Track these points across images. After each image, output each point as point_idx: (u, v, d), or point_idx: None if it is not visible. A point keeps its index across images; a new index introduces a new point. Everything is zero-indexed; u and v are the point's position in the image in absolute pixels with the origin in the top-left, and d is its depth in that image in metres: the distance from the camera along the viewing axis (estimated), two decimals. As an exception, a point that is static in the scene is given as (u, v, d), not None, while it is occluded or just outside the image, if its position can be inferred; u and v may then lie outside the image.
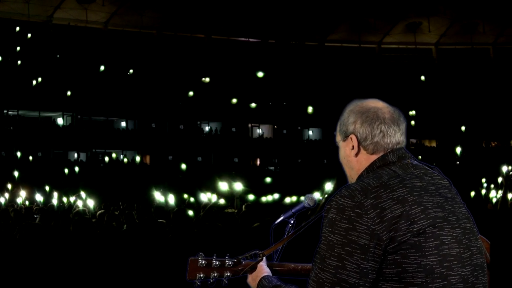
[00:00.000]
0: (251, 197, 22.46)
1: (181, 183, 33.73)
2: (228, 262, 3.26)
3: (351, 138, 2.95)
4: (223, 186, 20.62)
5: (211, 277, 3.23)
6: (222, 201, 21.32)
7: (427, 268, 2.61)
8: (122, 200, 23.37)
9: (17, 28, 43.95)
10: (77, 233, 8.06)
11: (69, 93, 40.78)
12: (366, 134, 2.90)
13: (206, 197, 22.19)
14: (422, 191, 2.72)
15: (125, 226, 10.07)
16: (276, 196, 23.53)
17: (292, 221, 3.44)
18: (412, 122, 45.82)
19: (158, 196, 22.18)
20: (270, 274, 3.23)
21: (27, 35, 43.94)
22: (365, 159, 2.91)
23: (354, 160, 2.95)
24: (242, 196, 22.31)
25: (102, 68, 41.44)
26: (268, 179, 31.51)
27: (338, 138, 3.06)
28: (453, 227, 2.72)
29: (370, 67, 53.28)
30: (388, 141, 2.89)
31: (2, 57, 40.80)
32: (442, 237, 2.67)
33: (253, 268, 3.26)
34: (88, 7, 48.25)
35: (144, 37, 50.16)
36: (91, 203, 18.93)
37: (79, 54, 44.84)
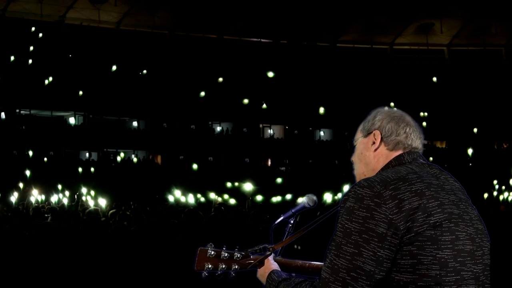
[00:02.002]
0: (260, 197, 22.48)
1: (192, 182, 33.76)
2: (237, 254, 3.27)
3: (373, 134, 3.04)
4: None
5: (219, 269, 3.24)
6: (232, 201, 21.36)
7: (442, 261, 2.65)
8: (134, 199, 23.43)
9: (33, 28, 44.08)
10: (87, 232, 8.08)
11: (81, 92, 40.87)
12: (391, 132, 3.01)
13: (216, 197, 22.23)
14: (439, 188, 2.78)
15: (134, 225, 10.09)
16: (289, 196, 23.53)
17: (292, 221, 3.47)
18: (424, 123, 45.68)
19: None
20: (279, 269, 3.24)
21: (39, 34, 44.05)
22: (384, 155, 3.00)
23: (371, 155, 3.04)
24: (253, 196, 22.31)
25: (114, 68, 41.52)
26: (279, 180, 31.46)
27: (359, 135, 3.15)
28: (467, 225, 2.78)
29: (382, 68, 53.18)
30: (409, 142, 3.00)
31: (15, 57, 40.92)
32: (457, 232, 2.72)
33: (262, 263, 3.26)
34: (101, 7, 48.36)
35: (156, 37, 50.22)
36: (103, 202, 19.00)
37: (91, 54, 44.94)
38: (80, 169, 34.48)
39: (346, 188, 22.37)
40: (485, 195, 26.50)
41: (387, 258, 2.62)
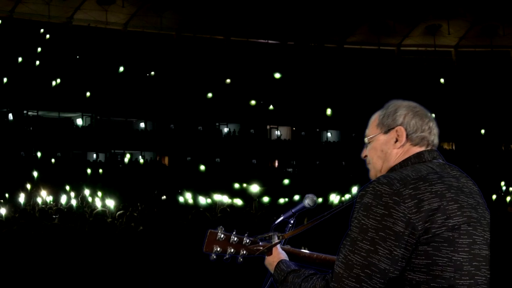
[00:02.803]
0: (267, 199, 22.46)
1: (200, 184, 33.77)
2: (246, 240, 3.28)
3: (396, 130, 2.97)
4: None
5: (228, 253, 3.24)
6: (239, 202, 21.35)
7: (457, 264, 2.64)
8: (141, 201, 23.44)
9: (42, 30, 44.16)
10: (94, 233, 8.08)
11: (88, 94, 40.92)
12: (417, 127, 2.96)
13: (223, 198, 22.22)
14: (459, 191, 2.77)
15: (141, 226, 10.09)
16: (296, 197, 23.51)
17: (292, 221, 3.44)
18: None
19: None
20: (287, 259, 3.21)
21: (47, 36, 44.13)
22: (403, 151, 2.95)
23: (393, 152, 2.97)
24: (260, 198, 22.31)
25: (121, 69, 41.57)
26: (286, 181, 31.44)
27: (375, 131, 3.05)
28: (485, 230, 2.79)
29: (389, 70, 53.12)
30: (432, 138, 2.98)
31: (22, 58, 41.00)
32: (475, 236, 2.72)
33: (270, 250, 3.24)
34: (108, 9, 48.41)
35: (163, 39, 50.27)
36: (111, 203, 19.02)
37: (98, 55, 45.01)
38: (89, 171, 34.50)
39: (354, 189, 22.38)
40: (494, 197, 26.42)
41: (403, 257, 2.61)
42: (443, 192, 2.69)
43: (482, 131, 47.14)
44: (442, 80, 50.45)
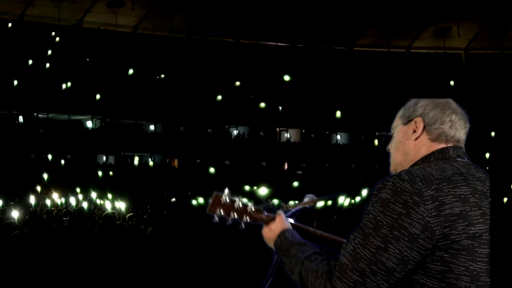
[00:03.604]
0: (277, 201, 22.44)
1: (209, 186, 33.72)
2: (251, 207, 3.20)
3: (415, 121, 2.90)
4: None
5: (231, 218, 3.18)
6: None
7: (474, 274, 2.56)
8: (151, 203, 23.47)
9: (53, 33, 44.26)
10: (103, 236, 8.10)
11: (98, 96, 40.97)
12: (436, 119, 2.88)
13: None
14: (483, 196, 2.68)
15: (151, 229, 10.10)
16: (306, 200, 23.42)
17: (292, 221, 3.40)
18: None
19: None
20: (292, 229, 3.11)
21: (56, 38, 44.23)
22: (425, 145, 2.86)
23: (412, 144, 2.89)
24: (268, 200, 22.30)
25: (130, 71, 41.63)
26: (295, 183, 31.38)
27: (397, 122, 3.00)
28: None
29: (399, 72, 53.03)
30: (453, 133, 2.89)
31: (32, 61, 41.11)
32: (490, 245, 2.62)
33: (273, 219, 3.16)
34: (118, 11, 48.51)
35: (173, 41, 50.33)
36: (122, 205, 19.03)
37: (108, 57, 45.09)
38: (100, 173, 34.54)
39: (364, 192, 22.30)
40: (505, 200, 26.32)
41: (414, 260, 2.53)
42: (467, 196, 2.60)
43: (492, 134, 46.99)
44: (452, 83, 50.33)
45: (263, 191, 21.29)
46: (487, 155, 41.71)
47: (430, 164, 2.74)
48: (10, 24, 44.28)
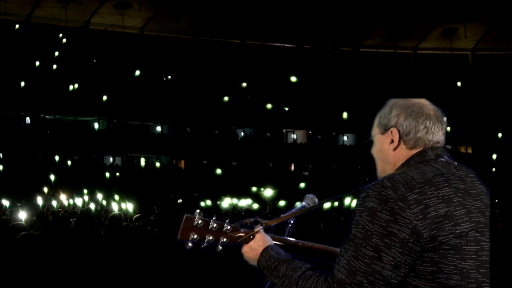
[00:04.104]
0: (283, 202, 22.46)
1: (215, 188, 33.82)
2: (227, 226, 3.02)
3: (391, 132, 2.90)
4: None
5: (206, 240, 2.99)
6: (256, 206, 21.36)
7: (464, 271, 2.58)
8: (157, 204, 23.49)
9: (60, 35, 44.33)
10: (109, 237, 8.10)
11: (105, 97, 41.05)
12: (410, 129, 2.86)
13: (241, 202, 22.25)
14: (466, 194, 2.69)
15: (158, 230, 10.11)
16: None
17: (292, 221, 3.34)
18: (448, 128, 45.23)
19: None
20: (274, 245, 3.02)
21: (63, 40, 44.30)
22: (404, 154, 2.86)
23: (391, 154, 2.90)
24: (276, 201, 22.32)
25: (137, 72, 41.65)
26: (302, 185, 31.42)
27: (376, 131, 3.01)
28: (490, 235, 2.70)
29: (405, 73, 52.95)
30: (431, 138, 2.86)
31: (40, 62, 41.19)
32: (482, 242, 2.64)
33: (252, 237, 3.02)
34: (125, 13, 48.58)
35: (180, 42, 50.36)
36: (130, 207, 19.07)
37: (115, 59, 45.14)
38: (107, 174, 34.61)
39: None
40: None
41: (406, 264, 2.55)
42: (450, 197, 2.62)
43: (499, 135, 46.91)
44: (459, 84, 50.28)
45: (268, 192, 21.29)
46: (494, 156, 41.64)
47: (411, 168, 2.75)
48: (17, 26, 44.36)
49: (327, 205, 22.61)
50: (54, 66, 41.40)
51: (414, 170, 2.71)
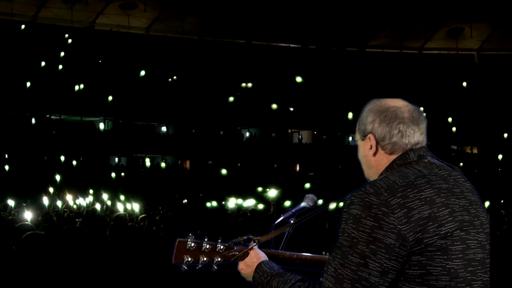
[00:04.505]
0: (289, 203, 22.43)
1: (221, 188, 33.82)
2: (220, 246, 3.09)
3: (369, 138, 2.92)
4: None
5: (200, 262, 3.06)
6: (261, 206, 21.33)
7: (452, 271, 2.58)
8: (162, 204, 23.51)
9: (66, 35, 44.37)
10: (114, 237, 8.11)
11: (110, 98, 41.07)
12: (384, 134, 2.87)
13: (246, 202, 22.23)
14: (449, 193, 2.68)
15: (164, 231, 10.11)
16: (320, 202, 23.40)
17: (292, 221, 3.36)
18: (454, 129, 45.41)
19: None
20: (268, 260, 3.08)
21: (69, 40, 44.36)
22: (384, 159, 2.89)
23: (372, 159, 2.94)
24: (282, 201, 22.30)
25: (142, 73, 41.66)
26: (307, 185, 31.34)
27: (357, 137, 3.03)
28: (478, 232, 2.69)
29: (411, 73, 52.93)
30: (407, 141, 2.84)
31: (45, 62, 41.26)
32: (468, 241, 2.64)
33: (246, 254, 3.09)
34: (130, 13, 48.65)
35: (185, 43, 50.40)
36: (136, 207, 19.08)
37: (120, 59, 45.19)
38: (113, 174, 34.62)
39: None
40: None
41: (393, 269, 2.55)
42: (433, 198, 2.62)
43: (505, 135, 46.81)
44: (464, 84, 50.17)
45: (272, 193, 21.28)
46: (500, 156, 41.57)
47: (393, 172, 2.76)
48: (23, 26, 44.41)
49: (332, 205, 22.59)
50: (60, 67, 41.41)
51: (396, 174, 2.72)
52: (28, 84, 39.70)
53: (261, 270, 2.99)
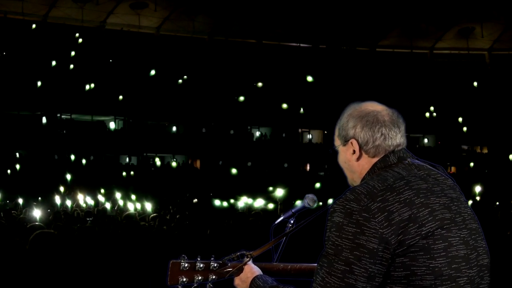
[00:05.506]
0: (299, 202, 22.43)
1: (231, 188, 33.83)
2: (213, 264, 3.14)
3: (351, 143, 2.96)
4: (278, 192, 20.62)
5: (195, 281, 3.09)
6: (271, 206, 21.33)
7: (436, 270, 2.60)
8: (173, 204, 23.53)
9: (77, 35, 44.47)
10: (126, 236, 8.14)
11: (121, 97, 41.17)
12: (367, 138, 2.91)
13: (257, 202, 22.22)
14: (428, 193, 2.70)
15: (176, 231, 10.13)
16: (330, 201, 23.42)
17: (291, 221, 3.41)
18: (464, 129, 45.30)
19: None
20: (263, 274, 3.14)
21: (79, 40, 44.45)
22: (367, 163, 2.93)
23: (355, 164, 2.98)
24: (292, 201, 22.28)
25: (153, 72, 41.71)
26: (318, 185, 31.33)
27: (338, 142, 3.07)
28: (460, 228, 2.71)
29: (422, 73, 52.81)
30: (390, 143, 2.90)
31: (56, 62, 41.36)
32: (450, 238, 2.66)
33: (240, 270, 3.13)
34: (141, 13, 48.71)
35: (196, 42, 50.43)
36: (148, 206, 19.13)
37: (131, 59, 45.25)
38: (124, 173, 34.69)
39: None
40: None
41: (379, 273, 2.58)
42: (412, 199, 2.65)
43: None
44: (475, 84, 50.05)
45: (279, 192, 21.29)
46: (511, 156, 41.40)
47: (373, 177, 2.81)
48: (34, 25, 44.53)
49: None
50: (71, 66, 41.51)
51: (376, 178, 2.76)
52: (39, 83, 39.83)
53: (255, 285, 3.06)
